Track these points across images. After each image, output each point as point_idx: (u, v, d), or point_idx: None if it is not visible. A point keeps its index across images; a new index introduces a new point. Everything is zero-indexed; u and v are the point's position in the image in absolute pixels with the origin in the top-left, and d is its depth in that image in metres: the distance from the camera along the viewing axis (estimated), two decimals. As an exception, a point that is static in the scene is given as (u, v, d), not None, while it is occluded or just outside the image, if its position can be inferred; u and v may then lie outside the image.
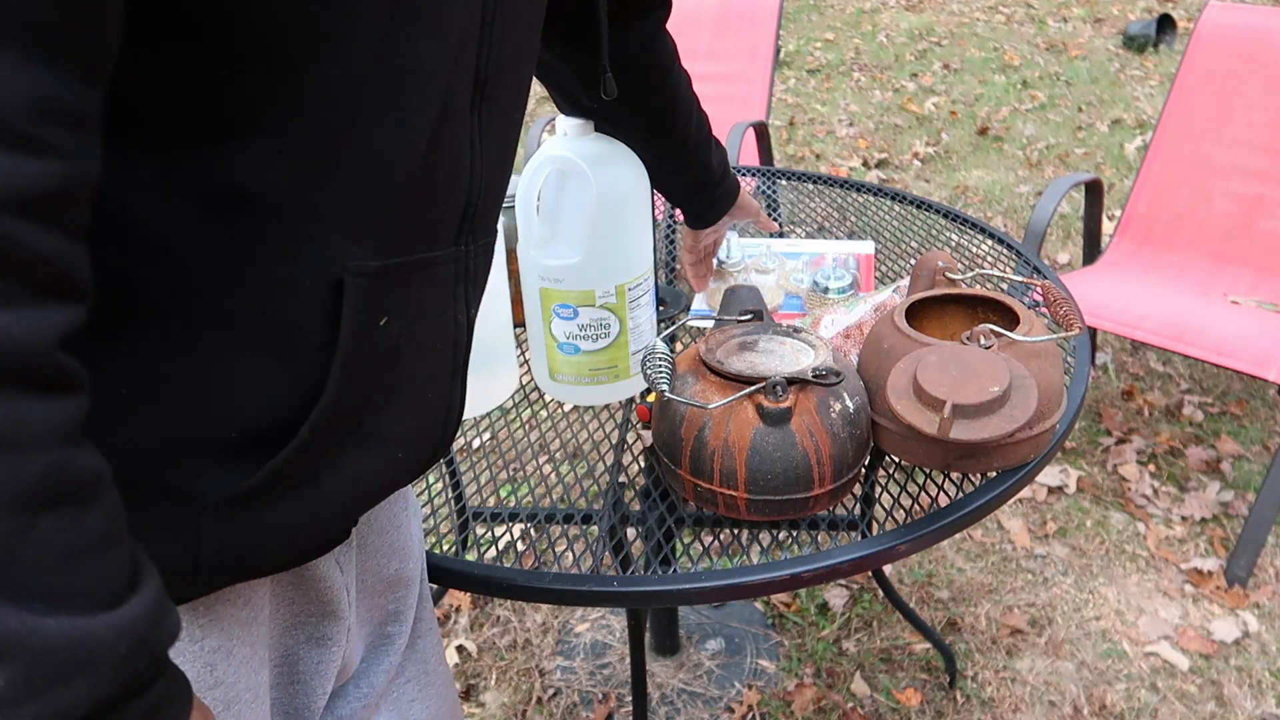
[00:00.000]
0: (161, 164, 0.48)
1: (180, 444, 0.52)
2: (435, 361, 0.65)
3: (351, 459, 0.60)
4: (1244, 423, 2.40)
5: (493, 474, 1.02)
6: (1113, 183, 3.87)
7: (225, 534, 0.54)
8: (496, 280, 1.05)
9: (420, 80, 0.54)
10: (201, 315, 0.52)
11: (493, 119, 0.62)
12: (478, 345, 1.05)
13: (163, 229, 0.49)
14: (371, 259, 0.56)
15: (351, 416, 0.58)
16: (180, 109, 0.48)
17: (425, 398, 0.65)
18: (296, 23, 0.48)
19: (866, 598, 1.94)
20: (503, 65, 0.61)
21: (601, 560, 0.90)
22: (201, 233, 0.50)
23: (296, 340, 0.55)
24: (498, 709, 1.74)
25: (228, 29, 0.46)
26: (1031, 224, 2.16)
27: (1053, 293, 0.99)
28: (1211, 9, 2.35)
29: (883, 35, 6.25)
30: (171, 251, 0.50)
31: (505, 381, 1.10)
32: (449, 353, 0.66)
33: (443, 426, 0.68)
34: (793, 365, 0.90)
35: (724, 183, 1.19)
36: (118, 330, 0.50)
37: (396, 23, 0.52)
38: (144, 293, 0.50)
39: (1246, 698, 1.70)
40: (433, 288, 0.62)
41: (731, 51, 2.90)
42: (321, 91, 0.50)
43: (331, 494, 0.60)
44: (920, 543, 0.87)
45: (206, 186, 0.49)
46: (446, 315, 0.64)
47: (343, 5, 0.49)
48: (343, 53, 0.50)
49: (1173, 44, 5.52)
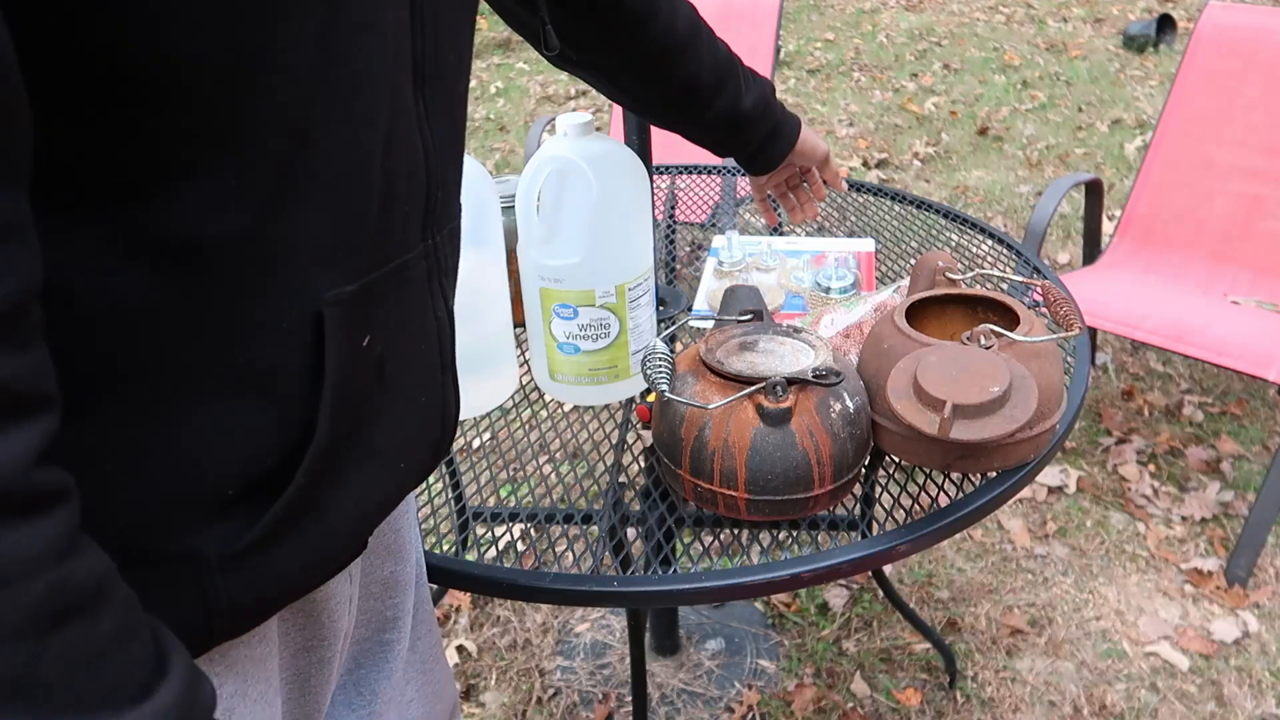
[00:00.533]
0: (102, 227, 0.45)
1: (175, 507, 0.50)
2: (422, 363, 0.64)
3: (353, 484, 0.59)
4: (1244, 423, 2.40)
5: (493, 474, 1.02)
6: (1113, 183, 3.87)
7: (234, 587, 0.53)
8: (496, 280, 1.05)
9: (366, 86, 0.52)
10: (176, 374, 0.49)
11: (437, 98, 0.60)
12: (478, 345, 1.05)
13: (117, 295, 0.46)
14: (346, 283, 0.54)
15: (346, 444, 0.57)
16: (111, 165, 0.44)
17: (418, 402, 0.64)
18: (224, 54, 0.44)
19: (866, 598, 1.94)
20: (439, 40, 0.59)
21: (601, 560, 0.90)
22: (159, 291, 0.47)
23: (279, 382, 0.53)
24: (498, 709, 1.74)
25: (142, 76, 0.43)
26: (1031, 224, 2.16)
27: (1053, 293, 0.99)
28: (1211, 9, 2.35)
29: (883, 35, 6.25)
30: (130, 316, 0.47)
31: (505, 381, 1.10)
32: (435, 351, 0.65)
33: (441, 425, 0.68)
34: (793, 365, 0.90)
35: (764, 122, 1.09)
36: (90, 404, 0.47)
37: (333, 32, 0.49)
38: (110, 363, 0.47)
39: (1246, 698, 1.70)
40: (409, 291, 0.60)
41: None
42: (265, 121, 0.47)
43: (337, 524, 0.58)
44: (920, 543, 0.87)
45: (154, 242, 0.46)
46: (426, 314, 0.63)
47: (274, 25, 0.46)
48: (283, 76, 0.47)
49: (1173, 44, 5.52)
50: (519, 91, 5.51)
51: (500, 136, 4.80)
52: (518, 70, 5.91)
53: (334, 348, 0.53)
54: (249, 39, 0.45)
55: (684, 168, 1.87)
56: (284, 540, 0.55)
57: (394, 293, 0.58)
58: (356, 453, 0.58)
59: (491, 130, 4.89)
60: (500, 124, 4.98)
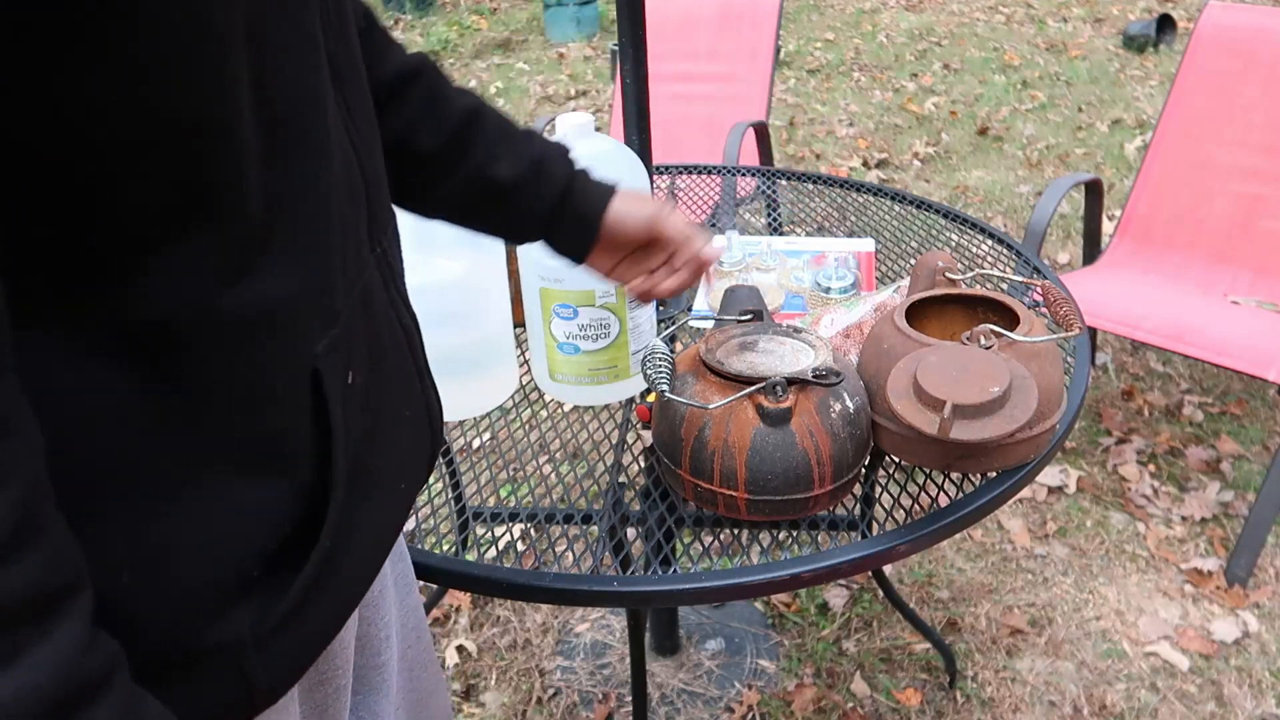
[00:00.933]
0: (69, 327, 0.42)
1: (202, 601, 0.48)
2: (400, 377, 0.62)
3: (365, 523, 0.57)
4: (1244, 423, 2.39)
5: (493, 474, 1.02)
6: (1113, 183, 3.86)
7: (271, 660, 0.51)
8: (496, 280, 1.05)
9: (318, 116, 0.49)
10: (177, 464, 0.46)
11: (355, 95, 0.56)
12: (478, 345, 1.05)
13: (100, 397, 0.43)
14: (329, 328, 0.51)
15: (358, 488, 0.55)
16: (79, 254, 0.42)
17: (403, 416, 0.62)
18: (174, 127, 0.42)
19: (866, 598, 1.94)
20: (345, 33, 0.56)
21: (601, 560, 0.90)
22: (142, 383, 0.44)
23: (287, 448, 0.50)
24: (498, 709, 1.74)
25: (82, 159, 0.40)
26: (1031, 224, 2.16)
27: (1053, 293, 0.99)
28: (1211, 9, 2.35)
29: (883, 35, 6.25)
30: (118, 413, 0.44)
31: (505, 381, 1.10)
32: (408, 360, 0.63)
33: (430, 432, 0.66)
34: (793, 365, 0.90)
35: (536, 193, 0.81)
36: (93, 509, 0.44)
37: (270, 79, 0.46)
38: (106, 465, 0.44)
39: (1246, 698, 1.70)
40: (374, 309, 0.58)
41: (731, 51, 2.90)
42: (229, 182, 0.44)
43: (357, 566, 0.57)
44: (920, 543, 0.87)
45: (129, 331, 0.43)
46: (394, 326, 0.61)
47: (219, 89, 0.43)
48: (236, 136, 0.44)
49: (1173, 44, 5.52)
50: (519, 91, 5.51)
51: (500, 136, 4.79)
52: (518, 70, 5.91)
53: (335, 398, 0.51)
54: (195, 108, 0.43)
55: (684, 168, 1.87)
56: (312, 601, 0.53)
57: (363, 316, 0.56)
58: (364, 490, 0.56)
59: (491, 130, 4.89)
60: (500, 124, 4.97)
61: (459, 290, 1.01)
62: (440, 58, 6.23)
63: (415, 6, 7.26)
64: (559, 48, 6.32)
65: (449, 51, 6.32)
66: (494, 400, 1.09)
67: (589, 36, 6.48)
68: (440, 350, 1.02)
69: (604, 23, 6.61)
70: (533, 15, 7.12)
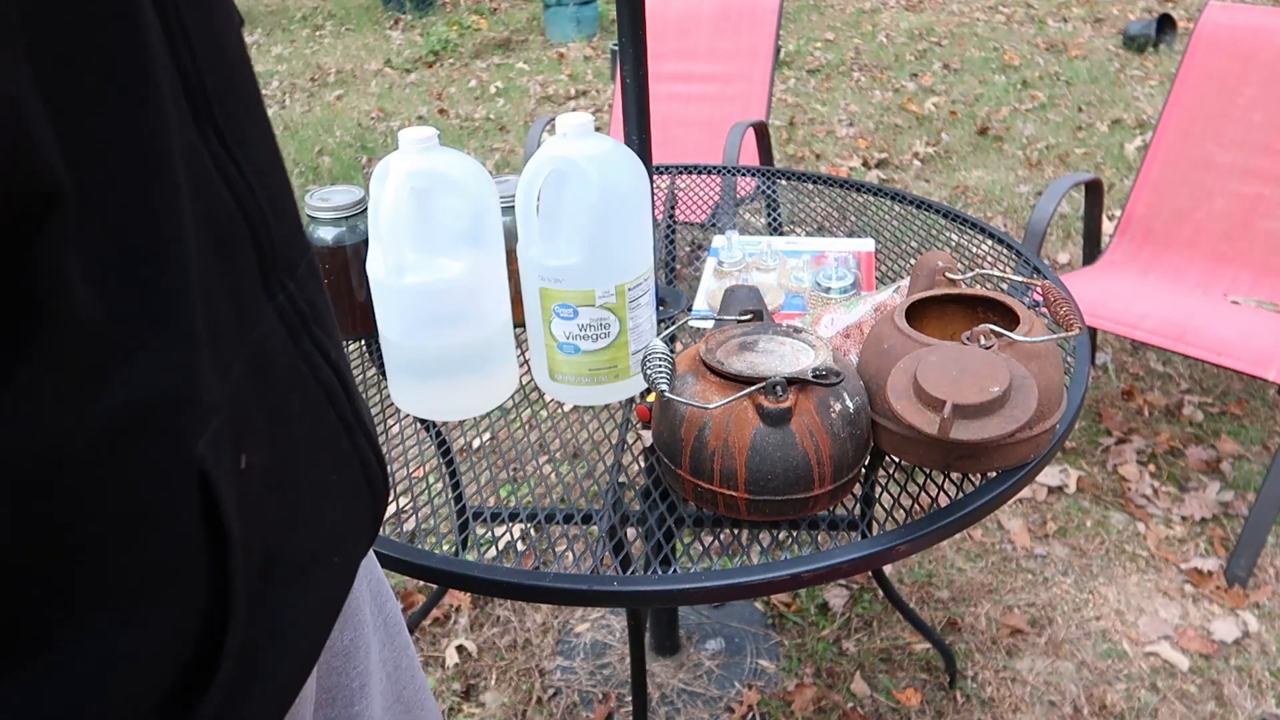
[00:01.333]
0: None
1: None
2: (319, 441, 0.53)
3: (288, 615, 0.49)
4: (1244, 423, 2.39)
5: (493, 474, 1.02)
6: (1113, 183, 3.87)
7: None
8: (496, 280, 1.05)
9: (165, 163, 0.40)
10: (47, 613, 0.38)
11: (233, 123, 0.46)
12: (478, 345, 1.05)
13: None
14: (217, 413, 0.42)
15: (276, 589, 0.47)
16: None
17: (329, 483, 0.53)
18: None
19: (866, 598, 1.94)
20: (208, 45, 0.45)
21: (601, 560, 0.90)
22: None
23: (180, 570, 0.42)
24: (498, 709, 1.74)
25: None
26: (1031, 224, 2.16)
27: (1053, 293, 0.99)
28: (1211, 9, 2.35)
29: (883, 35, 6.25)
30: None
31: (505, 381, 1.10)
32: (330, 415, 0.53)
33: (369, 489, 0.57)
34: (793, 365, 0.90)
35: None
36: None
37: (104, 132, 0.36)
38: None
39: (1246, 698, 1.70)
40: (274, 369, 0.49)
41: (731, 51, 2.90)
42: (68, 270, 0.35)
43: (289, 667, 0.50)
44: (920, 543, 0.87)
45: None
46: (306, 383, 0.51)
47: None
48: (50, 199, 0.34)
49: (1173, 44, 5.52)
50: (519, 91, 5.51)
51: (500, 136, 4.80)
52: (518, 70, 5.91)
53: (227, 496, 0.42)
54: None
55: (684, 168, 1.87)
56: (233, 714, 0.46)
57: (257, 384, 0.47)
58: (286, 584, 0.49)
59: (491, 130, 4.89)
60: (500, 124, 4.98)
61: (459, 290, 1.01)
62: (440, 58, 6.23)
63: (415, 6, 7.26)
64: (559, 48, 6.32)
65: (449, 51, 6.32)
66: (494, 400, 1.09)
67: (589, 36, 6.48)
68: (440, 350, 1.02)
69: (604, 23, 6.61)
70: (533, 15, 7.12)
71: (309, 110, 5.33)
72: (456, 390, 1.05)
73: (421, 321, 1.01)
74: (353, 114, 5.21)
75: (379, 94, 5.57)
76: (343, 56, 6.38)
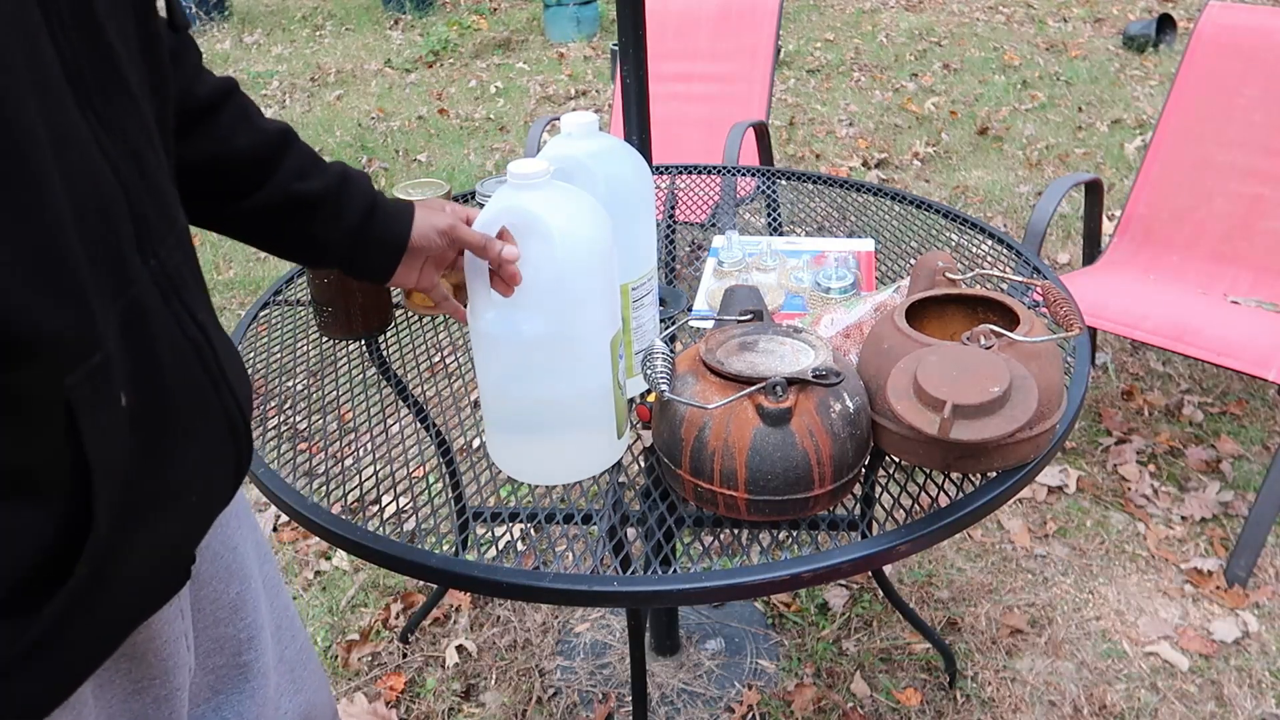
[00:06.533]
0: None
1: None
2: (188, 390, 0.60)
3: (142, 543, 0.56)
4: (1244, 423, 2.39)
5: (493, 474, 1.02)
6: (1113, 183, 3.86)
7: (24, 686, 0.51)
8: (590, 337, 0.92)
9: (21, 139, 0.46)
10: None
11: (110, 108, 0.54)
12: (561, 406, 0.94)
13: None
14: (90, 355, 0.50)
15: (128, 510, 0.54)
16: None
17: (194, 430, 0.60)
18: None
19: (866, 598, 1.94)
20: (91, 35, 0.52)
21: (601, 560, 0.90)
22: None
23: (42, 479, 0.50)
24: (498, 709, 1.74)
25: None
26: (1031, 224, 2.16)
27: (1053, 293, 0.99)
28: (1211, 9, 2.35)
29: (883, 35, 6.25)
30: None
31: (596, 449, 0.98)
32: (198, 371, 0.61)
33: (232, 441, 0.64)
34: (793, 365, 0.90)
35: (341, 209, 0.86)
36: None
37: None
38: None
39: (1246, 698, 1.70)
40: (149, 325, 0.56)
41: (731, 51, 2.90)
42: None
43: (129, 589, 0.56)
44: (920, 543, 0.87)
45: None
46: (177, 340, 0.59)
47: None
48: None
49: (1173, 44, 5.52)
50: (519, 91, 5.51)
51: (500, 136, 4.80)
52: (518, 70, 5.91)
53: (91, 429, 0.50)
54: None
55: (684, 168, 1.87)
56: (72, 624, 0.53)
57: (133, 336, 0.54)
58: (141, 514, 0.56)
59: (492, 130, 4.89)
60: (500, 124, 4.98)
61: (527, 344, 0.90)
62: (440, 58, 6.23)
63: (415, 6, 7.26)
64: (559, 48, 6.32)
65: (449, 51, 6.32)
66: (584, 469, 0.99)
67: (589, 36, 6.48)
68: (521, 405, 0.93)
69: (604, 23, 6.60)
70: (533, 15, 7.12)
71: (309, 110, 5.33)
72: (533, 449, 0.97)
73: (502, 371, 0.93)
74: (353, 114, 5.20)
75: (379, 94, 5.57)
76: (343, 56, 6.38)
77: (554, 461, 0.97)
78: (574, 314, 0.89)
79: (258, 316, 1.35)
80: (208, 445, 0.62)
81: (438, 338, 1.30)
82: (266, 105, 5.44)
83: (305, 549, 2.14)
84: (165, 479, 0.58)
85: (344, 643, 1.89)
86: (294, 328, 1.33)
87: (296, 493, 0.97)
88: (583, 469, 0.98)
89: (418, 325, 1.32)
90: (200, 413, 0.61)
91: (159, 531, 0.58)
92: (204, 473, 0.61)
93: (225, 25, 7.25)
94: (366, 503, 0.99)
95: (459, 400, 1.18)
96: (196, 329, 0.61)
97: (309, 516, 0.93)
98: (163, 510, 0.58)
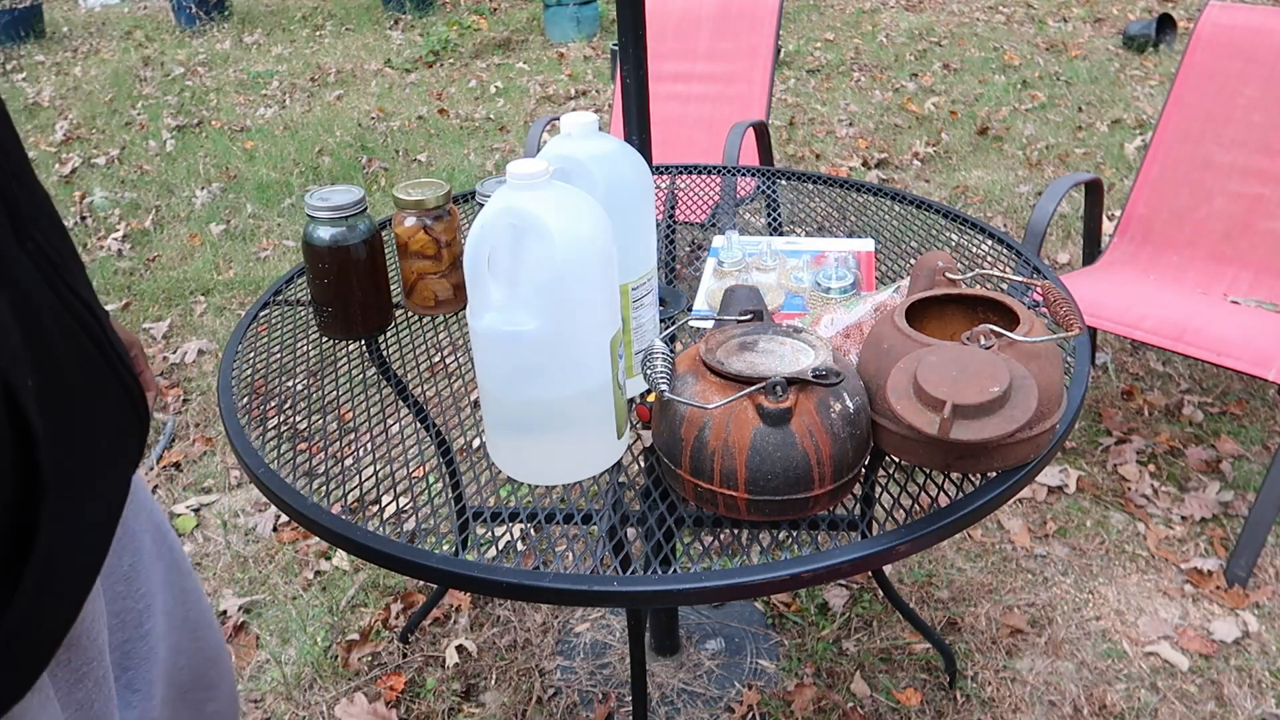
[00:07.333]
0: None
1: None
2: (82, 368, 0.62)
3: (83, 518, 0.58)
4: (1244, 423, 2.40)
5: (493, 474, 1.02)
6: (1113, 183, 3.87)
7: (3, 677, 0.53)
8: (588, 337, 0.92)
9: None
10: None
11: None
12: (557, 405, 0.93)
13: None
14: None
15: (65, 493, 0.57)
16: None
17: (97, 404, 0.62)
18: None
19: (866, 598, 1.94)
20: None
21: (601, 560, 0.90)
22: None
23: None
24: (498, 709, 1.74)
25: None
26: (1031, 224, 2.16)
27: (1053, 293, 0.99)
28: (1211, 9, 2.35)
29: (883, 35, 6.25)
30: None
31: (596, 450, 0.98)
32: (88, 345, 0.63)
33: (132, 410, 0.67)
34: (793, 365, 0.90)
35: None
36: None
37: None
38: None
39: (1246, 698, 1.70)
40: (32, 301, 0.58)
41: (731, 51, 2.90)
42: None
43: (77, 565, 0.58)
44: (920, 543, 0.87)
45: None
46: (62, 315, 0.61)
47: None
48: None
49: (1173, 44, 5.52)
50: (519, 91, 5.51)
51: (500, 137, 4.80)
52: (518, 70, 5.91)
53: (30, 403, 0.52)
54: None
55: (684, 168, 1.87)
56: (38, 604, 0.55)
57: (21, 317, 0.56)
58: (72, 490, 0.58)
59: (492, 130, 4.89)
60: (500, 124, 4.98)
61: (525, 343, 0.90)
62: (440, 58, 6.23)
63: (415, 6, 7.26)
64: (559, 48, 6.32)
65: (449, 51, 6.32)
66: (580, 471, 0.99)
67: (589, 36, 6.48)
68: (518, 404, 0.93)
69: (604, 23, 6.60)
70: (533, 15, 7.12)
71: (309, 110, 5.33)
72: (533, 450, 0.97)
73: (501, 371, 0.93)
74: (353, 114, 5.20)
75: (379, 94, 5.57)
76: (343, 56, 6.38)
77: (554, 462, 0.97)
78: (574, 314, 0.88)
79: (258, 316, 1.35)
80: (113, 418, 0.64)
81: (438, 338, 1.30)
82: (267, 105, 5.44)
83: (305, 549, 2.14)
84: (86, 456, 0.60)
85: (344, 643, 1.89)
86: (294, 328, 1.33)
87: (296, 493, 0.97)
88: (582, 469, 0.98)
89: (418, 325, 1.32)
90: (99, 388, 0.63)
91: (88, 512, 0.60)
92: (117, 446, 0.64)
93: (225, 25, 7.25)
94: (366, 503, 0.99)
95: (459, 400, 1.18)
96: (82, 306, 0.63)
97: (309, 516, 0.93)
98: (92, 488, 0.60)
